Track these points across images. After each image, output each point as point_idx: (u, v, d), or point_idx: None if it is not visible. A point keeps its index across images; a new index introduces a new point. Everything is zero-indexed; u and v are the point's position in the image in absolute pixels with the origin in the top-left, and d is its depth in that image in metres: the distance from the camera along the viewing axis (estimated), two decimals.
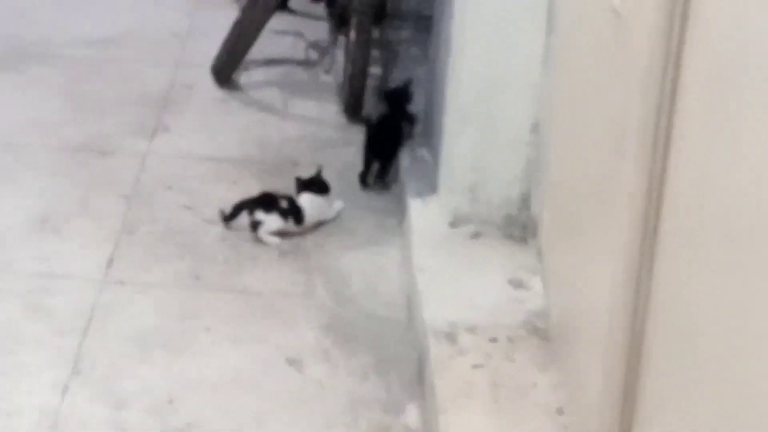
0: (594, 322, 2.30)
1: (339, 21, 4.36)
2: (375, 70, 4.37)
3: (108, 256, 3.31)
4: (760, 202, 1.53)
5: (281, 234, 3.42)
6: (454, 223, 3.25)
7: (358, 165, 3.87)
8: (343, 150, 4.03)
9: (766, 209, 1.52)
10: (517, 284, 3.00)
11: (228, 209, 3.44)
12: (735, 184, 1.64)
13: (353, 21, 4.12)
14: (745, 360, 1.55)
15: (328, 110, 4.31)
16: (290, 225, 3.44)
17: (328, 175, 3.69)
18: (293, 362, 2.91)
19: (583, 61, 2.68)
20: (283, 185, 3.74)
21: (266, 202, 3.47)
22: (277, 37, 4.77)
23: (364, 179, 3.77)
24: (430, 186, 3.42)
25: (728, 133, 1.68)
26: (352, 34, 4.13)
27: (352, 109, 4.17)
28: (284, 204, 3.45)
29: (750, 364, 1.53)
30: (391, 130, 3.80)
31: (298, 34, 4.89)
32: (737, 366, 1.59)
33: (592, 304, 2.35)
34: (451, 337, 2.76)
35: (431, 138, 3.62)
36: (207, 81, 4.45)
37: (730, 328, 1.63)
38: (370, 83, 4.21)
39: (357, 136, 4.08)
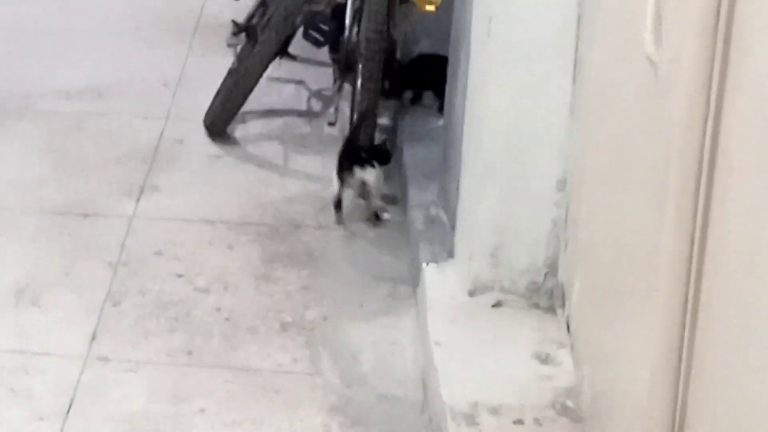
0: (632, 401, 2.29)
1: (344, 67, 4.37)
2: (384, 122, 4.40)
3: (92, 330, 3.30)
4: None
5: None
6: (473, 292, 3.24)
7: (366, 227, 3.90)
8: (351, 211, 4.03)
9: None
10: (545, 359, 2.99)
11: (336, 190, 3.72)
12: None
13: (360, 67, 4.14)
14: None
15: (333, 166, 4.32)
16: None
17: (325, 246, 3.71)
18: None
19: (614, 111, 2.69)
20: (285, 250, 3.76)
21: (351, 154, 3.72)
22: (277, 86, 4.79)
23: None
24: (446, 250, 3.43)
25: None
26: (359, 82, 4.15)
27: (345, 160, 4.18)
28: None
29: None
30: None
31: (300, 82, 4.91)
32: None
33: (630, 381, 2.34)
34: (471, 419, 2.75)
35: (447, 197, 3.63)
36: (200, 135, 4.47)
37: None
38: (379, 136, 4.23)
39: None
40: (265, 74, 4.48)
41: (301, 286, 3.58)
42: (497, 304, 3.22)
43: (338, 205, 3.91)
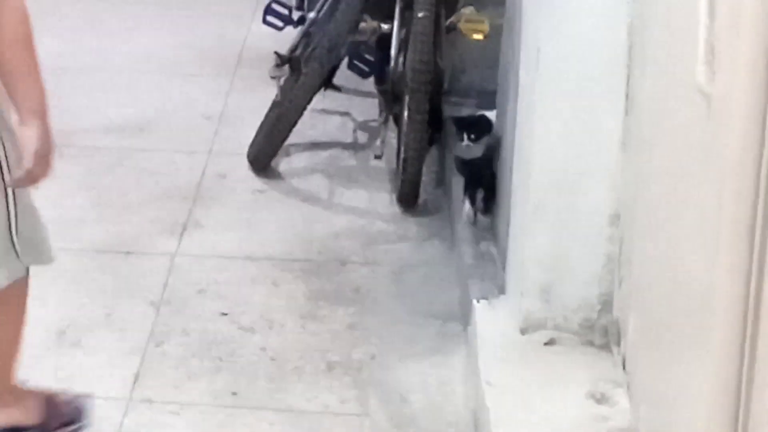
0: None
1: (391, 99, 4.40)
2: (432, 153, 4.41)
3: (134, 371, 3.31)
4: None
5: None
6: (525, 329, 3.23)
7: (414, 262, 3.90)
8: (398, 246, 4.06)
9: None
10: (600, 399, 2.98)
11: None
12: None
13: (407, 98, 4.16)
14: None
15: (381, 200, 4.34)
16: None
17: (373, 283, 3.71)
18: None
19: (667, 145, 2.69)
20: (331, 287, 3.77)
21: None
22: (322, 118, 4.83)
23: None
24: (497, 286, 3.43)
25: None
26: (406, 113, 4.17)
27: (408, 199, 4.20)
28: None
29: None
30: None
31: (345, 114, 4.94)
32: None
33: (688, 422, 2.33)
34: None
35: (497, 232, 3.64)
36: (243, 169, 4.51)
37: None
38: (427, 169, 4.24)
39: (413, 228, 4.11)
40: (310, 106, 4.52)
41: (348, 325, 3.59)
42: (550, 342, 3.21)
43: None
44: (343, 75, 4.68)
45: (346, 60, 4.56)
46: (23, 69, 2.82)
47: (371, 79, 4.70)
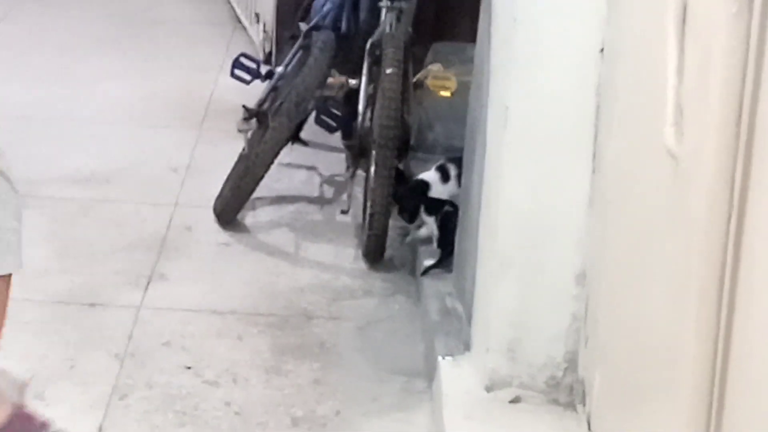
0: None
1: (358, 153, 4.41)
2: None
3: (97, 425, 3.27)
4: None
5: None
6: (490, 387, 3.23)
7: (380, 318, 3.90)
8: (364, 301, 4.06)
9: None
10: None
11: None
12: None
13: (373, 154, 4.17)
14: None
15: (346, 255, 4.35)
16: None
17: (338, 339, 3.74)
18: None
19: (634, 205, 2.70)
20: (296, 342, 3.77)
21: None
22: (288, 172, 4.84)
23: None
24: (462, 343, 3.43)
25: None
26: (373, 169, 4.18)
27: (374, 254, 4.20)
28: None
29: None
30: None
31: (312, 168, 4.96)
32: None
33: None
34: None
35: (463, 288, 3.64)
36: (209, 222, 4.51)
37: None
38: (393, 224, 4.25)
39: (378, 284, 4.11)
40: (277, 160, 4.52)
41: (313, 380, 3.57)
42: (515, 400, 3.21)
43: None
44: (311, 129, 4.70)
45: (313, 114, 4.58)
46: None
47: (338, 134, 4.72)
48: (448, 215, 4.08)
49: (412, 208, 4.23)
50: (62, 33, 6.16)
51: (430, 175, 4.30)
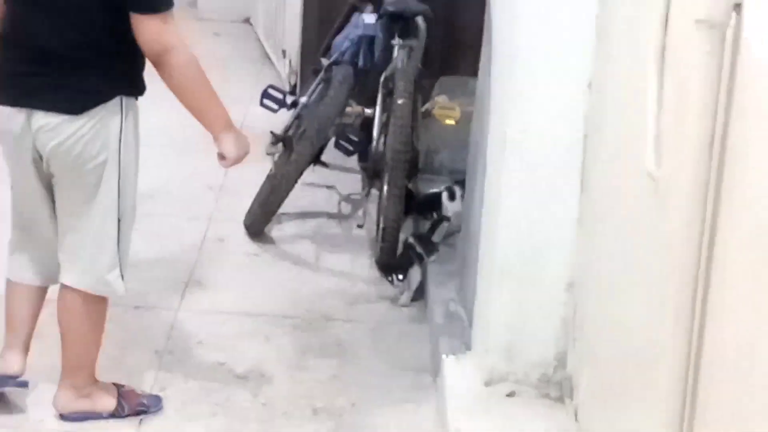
0: None
1: (372, 175, 4.41)
2: (407, 223, 4.41)
3: (139, 417, 3.25)
4: None
5: None
6: (489, 382, 3.22)
7: (391, 320, 3.90)
8: (377, 305, 4.05)
9: None
10: None
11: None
12: None
13: (386, 175, 4.17)
14: None
15: (361, 264, 4.34)
16: None
17: (354, 338, 3.75)
18: None
19: (618, 222, 2.70)
20: (317, 341, 3.77)
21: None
22: (310, 190, 4.83)
23: None
24: (464, 343, 3.41)
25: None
26: (385, 188, 4.18)
27: (385, 263, 4.19)
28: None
29: None
30: None
31: (331, 187, 4.95)
32: None
33: None
34: None
35: (465, 295, 3.63)
36: (240, 235, 4.51)
37: None
38: (403, 236, 4.24)
39: (390, 290, 4.10)
40: (300, 180, 4.51)
41: (331, 375, 3.57)
42: (511, 394, 3.19)
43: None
44: (330, 153, 4.69)
45: (333, 140, 4.59)
46: (204, 99, 3.05)
47: (355, 157, 4.72)
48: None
49: (429, 210, 4.25)
50: None
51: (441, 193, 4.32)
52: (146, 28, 2.90)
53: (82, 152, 2.95)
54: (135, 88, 3.04)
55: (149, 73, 3.03)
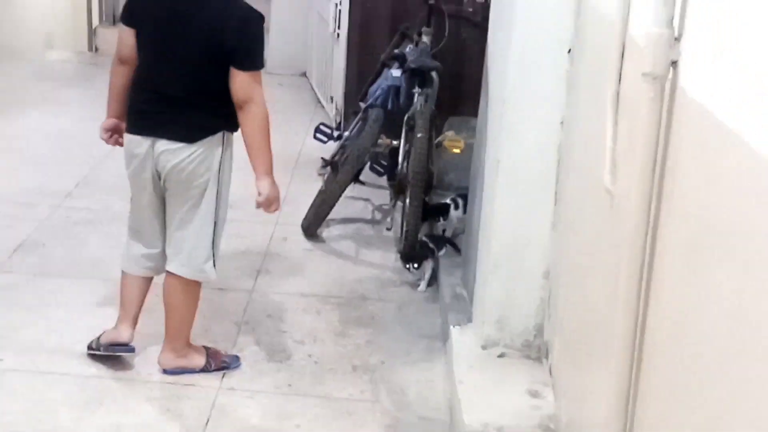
0: (593, 426, 2.27)
1: (397, 190, 4.41)
2: (424, 227, 4.41)
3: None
4: (721, 338, 1.54)
5: None
6: (485, 347, 3.22)
7: (411, 300, 3.90)
8: (401, 288, 4.05)
9: (724, 345, 1.52)
10: (534, 394, 2.96)
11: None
12: (704, 322, 1.64)
13: (408, 190, 4.17)
14: None
15: (389, 258, 4.33)
16: None
17: (382, 313, 3.75)
18: None
19: (583, 226, 2.69)
20: (356, 315, 3.77)
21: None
22: (351, 202, 4.83)
23: None
24: (466, 317, 3.41)
25: (696, 284, 1.69)
26: (407, 201, 4.17)
27: (407, 257, 4.20)
28: None
29: None
30: None
31: (367, 200, 4.95)
32: None
33: (592, 412, 2.32)
34: None
35: (467, 281, 3.63)
36: (298, 235, 4.50)
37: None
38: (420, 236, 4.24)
39: (410, 277, 4.10)
40: (344, 194, 4.53)
41: (366, 341, 3.57)
42: (501, 355, 3.20)
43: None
44: (367, 174, 4.71)
45: (368, 164, 4.60)
46: (261, 148, 3.02)
47: (385, 177, 4.72)
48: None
49: (438, 216, 4.27)
50: None
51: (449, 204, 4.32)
52: (239, 80, 2.92)
53: (192, 172, 2.98)
54: (233, 125, 3.04)
55: None
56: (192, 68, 2.95)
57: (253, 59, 2.95)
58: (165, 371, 3.20)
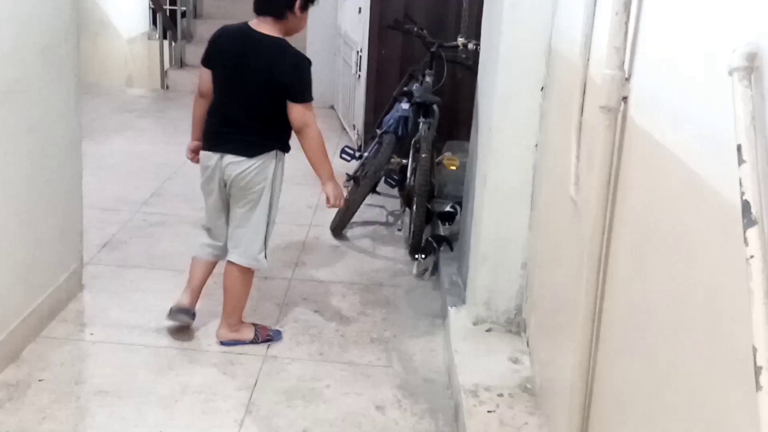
0: (561, 385, 2.28)
1: (406, 199, 4.42)
2: (427, 228, 4.42)
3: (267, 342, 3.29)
4: (660, 314, 1.55)
5: None
6: (475, 323, 3.23)
7: (418, 286, 3.90)
8: (408, 277, 4.05)
9: (663, 319, 1.53)
10: (515, 361, 2.97)
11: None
12: (647, 302, 1.66)
13: (415, 199, 4.17)
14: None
15: (399, 253, 4.33)
16: None
17: (394, 296, 3.73)
18: (379, 408, 2.88)
19: (553, 228, 2.70)
20: (374, 298, 3.77)
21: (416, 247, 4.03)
22: (370, 208, 4.83)
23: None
24: (461, 300, 3.42)
25: (641, 272, 1.70)
26: (414, 207, 4.18)
27: (413, 252, 4.21)
28: None
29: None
30: None
31: (382, 207, 4.95)
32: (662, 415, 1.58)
33: (561, 374, 2.33)
34: (474, 393, 2.74)
35: (462, 271, 3.63)
36: (327, 235, 4.50)
37: (653, 406, 1.62)
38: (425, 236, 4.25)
39: (417, 268, 4.10)
40: (364, 202, 4.53)
41: (382, 318, 3.57)
42: (488, 330, 3.20)
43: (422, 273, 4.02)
44: (382, 186, 4.71)
45: (383, 178, 4.61)
46: (320, 160, 3.10)
47: (396, 189, 4.73)
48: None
49: (446, 220, 4.26)
50: None
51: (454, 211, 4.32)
52: (296, 111, 2.99)
53: (251, 180, 3.04)
54: (285, 146, 3.11)
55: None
56: (254, 101, 3.00)
57: (304, 93, 3.01)
58: (221, 343, 3.22)
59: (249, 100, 3.01)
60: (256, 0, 3.03)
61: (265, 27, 3.00)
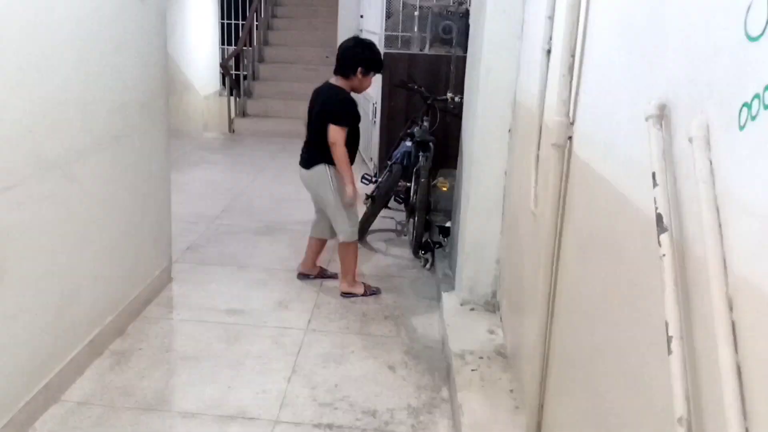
0: (526, 350, 2.27)
1: (410, 213, 4.41)
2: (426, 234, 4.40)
3: (309, 318, 3.29)
4: (596, 297, 1.55)
5: None
6: (462, 304, 3.21)
7: (419, 277, 3.87)
8: (413, 270, 4.01)
9: (598, 301, 1.53)
10: (491, 332, 2.95)
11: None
12: (587, 288, 1.66)
13: (416, 213, 4.16)
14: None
15: (405, 252, 4.31)
16: None
17: (401, 284, 3.69)
18: (391, 367, 2.87)
19: (519, 233, 2.69)
20: (387, 285, 3.74)
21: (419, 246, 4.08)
22: (383, 219, 4.81)
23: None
24: (451, 287, 3.40)
25: (583, 266, 1.70)
26: (416, 218, 4.16)
27: (415, 253, 4.20)
28: None
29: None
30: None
31: (392, 218, 4.94)
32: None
33: (525, 341, 2.33)
34: (462, 356, 2.73)
35: (452, 265, 3.61)
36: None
37: (599, 369, 1.62)
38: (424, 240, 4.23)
39: (418, 264, 4.08)
40: (379, 214, 4.50)
41: (392, 302, 3.55)
42: (472, 309, 3.18)
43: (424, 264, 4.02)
44: (392, 203, 4.70)
45: (393, 197, 4.60)
46: (343, 169, 3.27)
47: (403, 205, 4.72)
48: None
49: (446, 235, 4.23)
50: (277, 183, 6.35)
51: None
52: (330, 129, 3.24)
53: (315, 184, 3.36)
54: (332, 161, 3.30)
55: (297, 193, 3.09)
56: (315, 128, 3.27)
57: (338, 119, 3.21)
58: (342, 294, 3.46)
59: (313, 128, 3.29)
60: (336, 63, 3.27)
61: (337, 82, 3.30)
